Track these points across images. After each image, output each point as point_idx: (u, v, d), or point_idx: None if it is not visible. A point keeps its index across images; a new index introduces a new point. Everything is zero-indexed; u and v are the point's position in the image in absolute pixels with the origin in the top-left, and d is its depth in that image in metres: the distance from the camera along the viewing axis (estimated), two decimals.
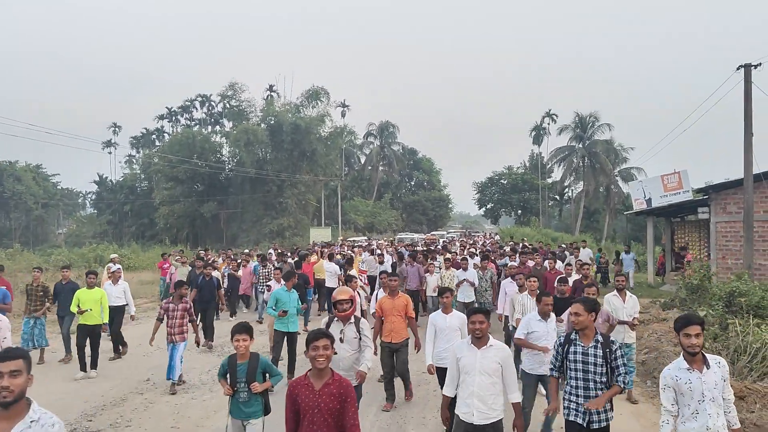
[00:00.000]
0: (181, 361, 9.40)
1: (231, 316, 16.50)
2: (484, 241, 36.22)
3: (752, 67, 16.35)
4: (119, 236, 56.70)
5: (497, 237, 42.41)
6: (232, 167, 53.92)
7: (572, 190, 65.66)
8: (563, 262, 16.94)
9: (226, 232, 52.78)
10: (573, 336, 5.22)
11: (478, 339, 5.14)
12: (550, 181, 69.29)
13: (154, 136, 73.37)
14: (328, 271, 16.45)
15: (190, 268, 16.22)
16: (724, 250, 18.00)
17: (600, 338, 5.10)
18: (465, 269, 13.61)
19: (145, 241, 51.86)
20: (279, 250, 22.99)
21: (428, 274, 14.78)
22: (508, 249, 22.37)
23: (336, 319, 6.52)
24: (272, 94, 59.94)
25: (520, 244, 24.33)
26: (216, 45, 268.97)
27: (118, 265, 16.64)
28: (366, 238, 46.25)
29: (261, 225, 48.87)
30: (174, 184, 51.71)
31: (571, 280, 10.75)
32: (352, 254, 20.27)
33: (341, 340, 6.25)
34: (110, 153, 78.79)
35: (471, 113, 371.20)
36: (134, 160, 71.26)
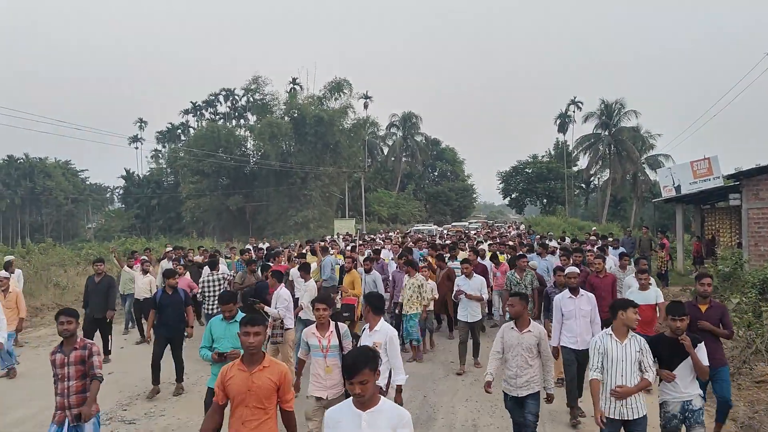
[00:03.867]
0: None
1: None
2: (512, 233, 32.52)
3: None
4: (147, 230, 57.62)
5: (522, 227, 41.19)
6: (256, 160, 54.38)
7: (598, 179, 64.79)
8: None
9: (252, 224, 53.28)
10: None
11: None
12: (575, 169, 68.49)
13: (179, 131, 74.05)
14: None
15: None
16: (757, 237, 17.61)
17: None
18: (468, 276, 9.98)
19: (172, 235, 52.61)
20: (256, 245, 20.08)
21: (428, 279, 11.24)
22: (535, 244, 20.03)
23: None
24: (295, 87, 60.21)
25: (558, 238, 21.74)
26: (239, 39, 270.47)
27: None
28: (380, 231, 45.10)
29: (286, 217, 49.28)
30: (200, 178, 52.37)
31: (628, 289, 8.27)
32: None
33: None
34: (137, 148, 79.83)
35: (495, 102, 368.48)
36: (160, 155, 72.08)
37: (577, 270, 7.80)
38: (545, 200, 69.30)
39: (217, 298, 10.09)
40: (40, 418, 7.46)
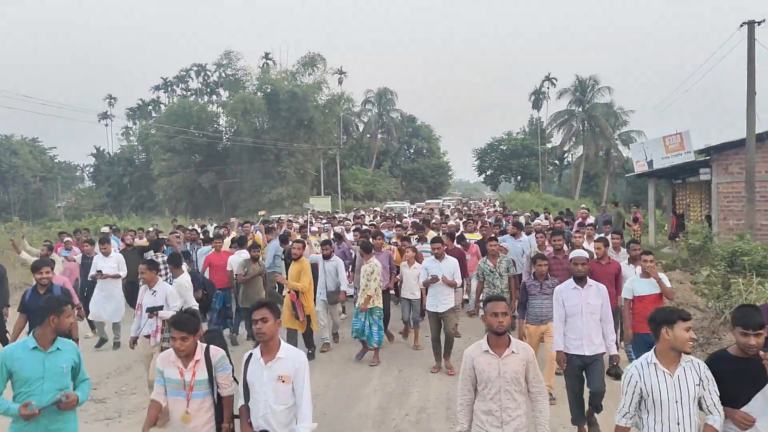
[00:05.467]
0: None
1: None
2: (487, 209, 29.61)
3: (756, 24, 16.11)
4: (119, 208, 56.73)
5: (497, 203, 40.76)
6: (229, 137, 53.68)
7: (572, 155, 65.37)
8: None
9: (225, 202, 52.80)
10: None
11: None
12: (549, 146, 68.92)
13: (150, 107, 72.72)
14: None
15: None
16: (726, 211, 17.97)
17: None
18: (438, 257, 8.52)
19: (144, 213, 52.01)
20: (195, 226, 18.46)
21: (406, 263, 9.73)
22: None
23: None
24: (268, 62, 59.30)
25: (539, 214, 20.08)
26: (210, 12, 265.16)
27: None
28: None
29: (260, 195, 48.84)
30: (172, 155, 51.59)
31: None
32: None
33: None
34: (106, 125, 78.15)
35: (470, 79, 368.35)
36: (131, 132, 70.89)
37: (586, 254, 6.20)
38: (519, 177, 69.72)
39: None
40: None
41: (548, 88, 70.00)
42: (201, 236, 13.93)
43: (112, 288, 9.95)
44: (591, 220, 15.61)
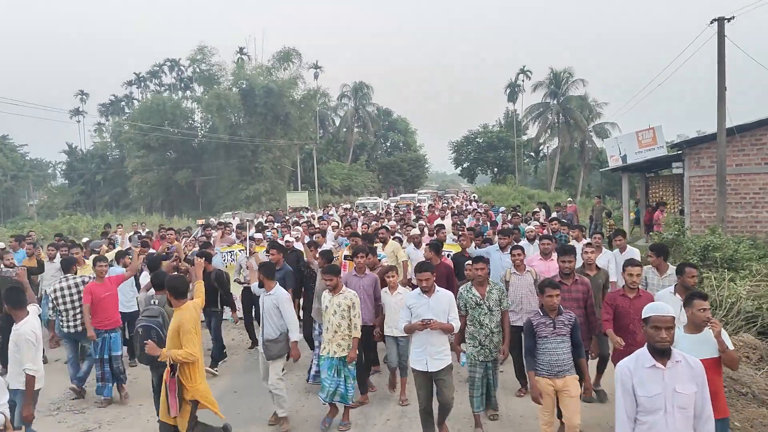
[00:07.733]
0: None
1: None
2: (465, 204, 26.66)
3: (726, 21, 16.35)
4: (92, 206, 56.02)
5: (474, 196, 39.90)
6: (204, 133, 53.22)
7: (547, 147, 65.90)
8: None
9: (201, 199, 52.35)
10: None
11: None
12: (525, 138, 69.39)
13: (123, 103, 71.75)
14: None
15: None
16: (698, 204, 18.27)
17: None
18: (427, 290, 5.77)
19: (119, 211, 51.45)
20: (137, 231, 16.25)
21: (387, 289, 7.26)
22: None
23: None
24: (243, 56, 58.83)
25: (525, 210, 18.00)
26: (182, 4, 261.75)
27: None
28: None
29: (237, 191, 48.62)
30: (146, 152, 51.04)
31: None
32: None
33: None
34: (78, 121, 76.93)
35: (446, 72, 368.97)
36: (104, 129, 69.75)
37: (672, 311, 3.54)
38: (496, 169, 70.17)
39: (77, 311, 7.67)
40: None
41: (523, 80, 70.60)
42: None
43: None
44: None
